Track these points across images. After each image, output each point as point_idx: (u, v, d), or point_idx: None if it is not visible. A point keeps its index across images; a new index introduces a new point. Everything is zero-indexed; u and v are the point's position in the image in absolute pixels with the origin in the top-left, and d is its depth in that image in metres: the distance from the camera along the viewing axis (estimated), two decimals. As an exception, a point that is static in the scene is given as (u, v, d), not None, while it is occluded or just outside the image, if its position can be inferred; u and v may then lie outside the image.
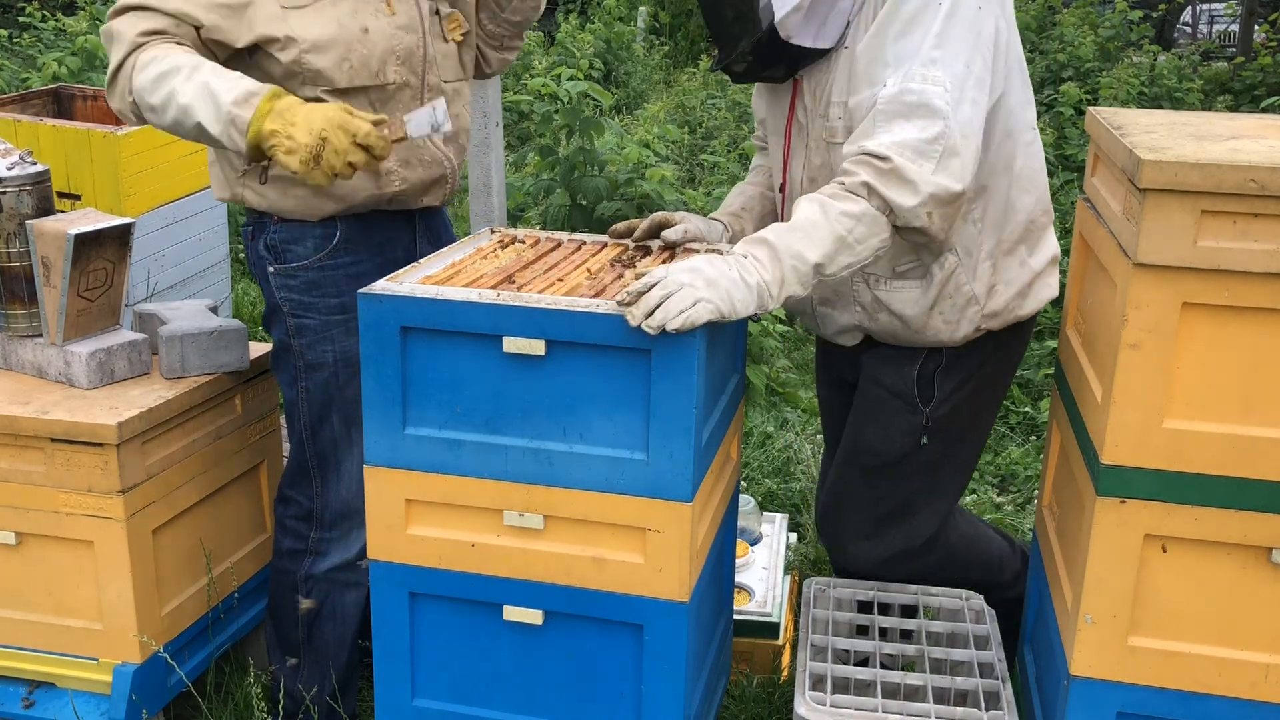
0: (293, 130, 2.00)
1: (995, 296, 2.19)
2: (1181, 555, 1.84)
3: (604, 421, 1.85)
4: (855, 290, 2.23)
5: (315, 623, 2.46)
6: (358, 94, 2.19)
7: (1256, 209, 1.67)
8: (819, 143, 2.17)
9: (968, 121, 1.96)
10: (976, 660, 2.20)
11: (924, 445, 2.28)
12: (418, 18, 2.27)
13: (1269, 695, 1.84)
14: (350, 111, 2.03)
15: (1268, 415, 1.76)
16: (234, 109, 2.02)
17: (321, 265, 2.29)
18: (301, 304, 2.29)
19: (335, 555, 2.42)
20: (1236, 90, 8.33)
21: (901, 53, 1.99)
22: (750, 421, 4.31)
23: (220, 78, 2.05)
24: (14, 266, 2.41)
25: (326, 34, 2.14)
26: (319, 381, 2.32)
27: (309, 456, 2.38)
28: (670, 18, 12.57)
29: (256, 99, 2.02)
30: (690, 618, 1.92)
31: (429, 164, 2.33)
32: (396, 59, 2.22)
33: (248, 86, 2.04)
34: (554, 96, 4.50)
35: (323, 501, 2.40)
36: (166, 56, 2.08)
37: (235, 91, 2.03)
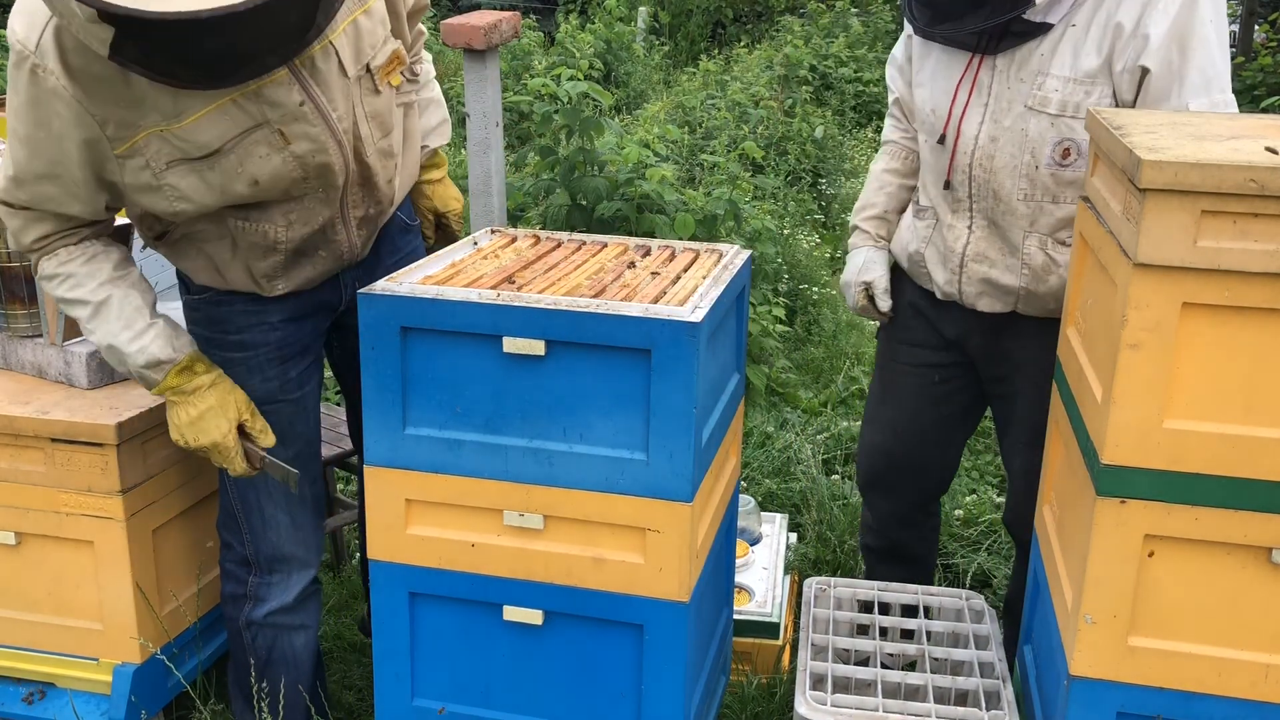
0: (183, 426, 2.06)
1: None
2: (1181, 555, 1.84)
3: (604, 421, 1.85)
4: (1027, 253, 2.31)
5: (268, 667, 2.36)
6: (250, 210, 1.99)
7: (1256, 209, 1.67)
8: (1013, 105, 2.26)
9: None
10: (977, 660, 2.20)
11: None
12: (322, 127, 1.94)
13: (1269, 695, 1.84)
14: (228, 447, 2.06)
15: (1268, 415, 1.76)
16: (142, 370, 2.02)
17: (218, 300, 2.14)
18: (203, 338, 2.15)
19: (274, 600, 2.31)
20: (1236, 90, 8.33)
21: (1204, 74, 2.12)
22: (750, 421, 4.31)
23: (125, 329, 2.00)
24: (14, 266, 2.41)
25: (209, 202, 1.93)
26: None
27: (232, 499, 2.27)
28: (670, 18, 12.57)
29: (164, 370, 2.02)
30: (690, 618, 1.92)
31: (323, 259, 2.13)
32: (302, 183, 1.97)
33: (154, 353, 2.01)
34: (554, 96, 4.49)
35: (254, 548, 2.29)
36: (64, 280, 2.00)
37: (142, 357, 2.01)
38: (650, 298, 1.92)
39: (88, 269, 2.00)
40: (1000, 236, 2.33)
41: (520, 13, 5.89)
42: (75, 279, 2.00)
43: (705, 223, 4.50)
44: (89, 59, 1.76)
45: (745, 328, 2.30)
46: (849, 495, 3.66)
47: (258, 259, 2.06)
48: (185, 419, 2.05)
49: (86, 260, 2.01)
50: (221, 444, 2.06)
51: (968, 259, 2.38)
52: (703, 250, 2.25)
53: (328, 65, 1.92)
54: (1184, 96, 2.13)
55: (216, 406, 2.06)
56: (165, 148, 1.85)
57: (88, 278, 2.00)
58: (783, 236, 5.71)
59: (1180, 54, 2.12)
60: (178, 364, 2.03)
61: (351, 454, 3.12)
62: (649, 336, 1.78)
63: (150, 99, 1.80)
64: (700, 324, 1.78)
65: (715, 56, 10.92)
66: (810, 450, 3.99)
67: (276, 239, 2.03)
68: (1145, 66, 2.14)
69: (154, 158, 1.86)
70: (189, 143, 1.85)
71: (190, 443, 2.06)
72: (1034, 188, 2.26)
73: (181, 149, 1.86)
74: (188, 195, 1.91)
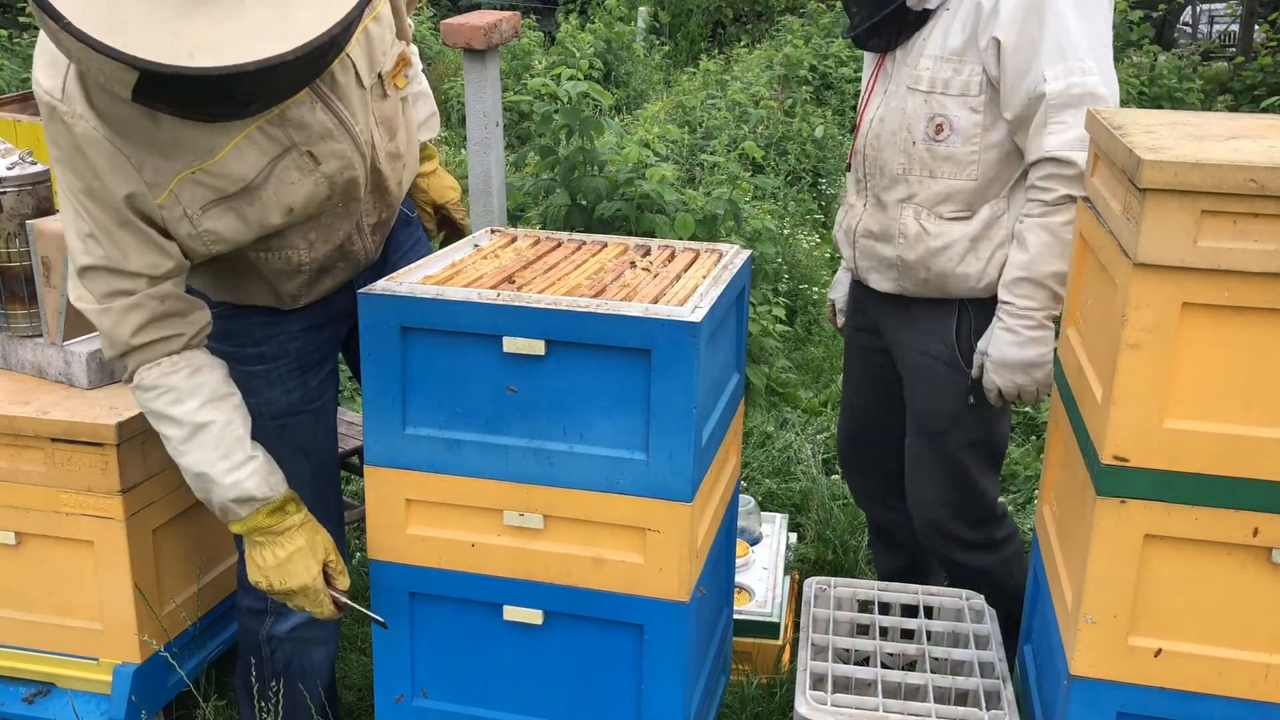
0: (269, 568, 1.95)
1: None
2: (1181, 555, 1.84)
3: (604, 421, 1.85)
4: (902, 222, 2.41)
5: (284, 678, 2.32)
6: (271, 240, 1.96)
7: (1256, 209, 1.67)
8: (899, 88, 2.40)
9: (1115, 93, 2.26)
10: (977, 660, 2.20)
11: (971, 405, 2.45)
12: (348, 143, 1.92)
13: (1269, 695, 1.84)
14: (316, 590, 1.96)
15: (1268, 415, 1.76)
16: (230, 504, 1.91)
17: (234, 313, 2.10)
18: (220, 353, 2.05)
19: (297, 614, 2.23)
20: (1236, 90, 8.33)
21: (1058, 43, 2.19)
22: (750, 421, 4.31)
23: (223, 459, 1.89)
24: (14, 266, 2.41)
25: (246, 238, 1.89)
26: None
27: None
28: (670, 18, 12.56)
29: (254, 506, 1.92)
30: (690, 618, 1.92)
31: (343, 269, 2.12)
32: (330, 201, 1.96)
33: (249, 489, 1.90)
34: (554, 96, 4.49)
35: None
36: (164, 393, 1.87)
37: (235, 490, 1.90)
38: (650, 298, 1.92)
39: (191, 384, 1.89)
40: (884, 210, 2.46)
41: (520, 13, 5.89)
42: (176, 394, 1.88)
43: (705, 223, 4.50)
44: (113, 101, 1.69)
45: (745, 328, 2.30)
46: (849, 495, 3.66)
47: (284, 281, 2.04)
48: (273, 561, 1.94)
49: (190, 374, 1.89)
50: (311, 587, 1.96)
51: (859, 235, 2.52)
52: (703, 250, 2.25)
53: (346, 78, 1.88)
54: (1040, 66, 2.21)
55: (306, 548, 1.96)
56: (200, 191, 1.80)
57: (190, 395, 1.88)
58: (783, 236, 5.71)
59: (1038, 24, 2.21)
60: (271, 503, 1.94)
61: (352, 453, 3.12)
62: (649, 336, 1.78)
63: (180, 139, 1.75)
64: (700, 324, 1.78)
65: (715, 56, 10.92)
66: (810, 450, 3.99)
67: (300, 262, 2.01)
68: (997, 38, 2.25)
69: (189, 204, 1.80)
70: (224, 178, 1.80)
71: (275, 586, 1.95)
72: (911, 162, 2.38)
73: (217, 188, 1.80)
74: (224, 237, 1.86)
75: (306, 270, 2.03)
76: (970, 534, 2.55)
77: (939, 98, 2.34)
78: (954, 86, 2.32)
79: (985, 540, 2.56)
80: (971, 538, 2.55)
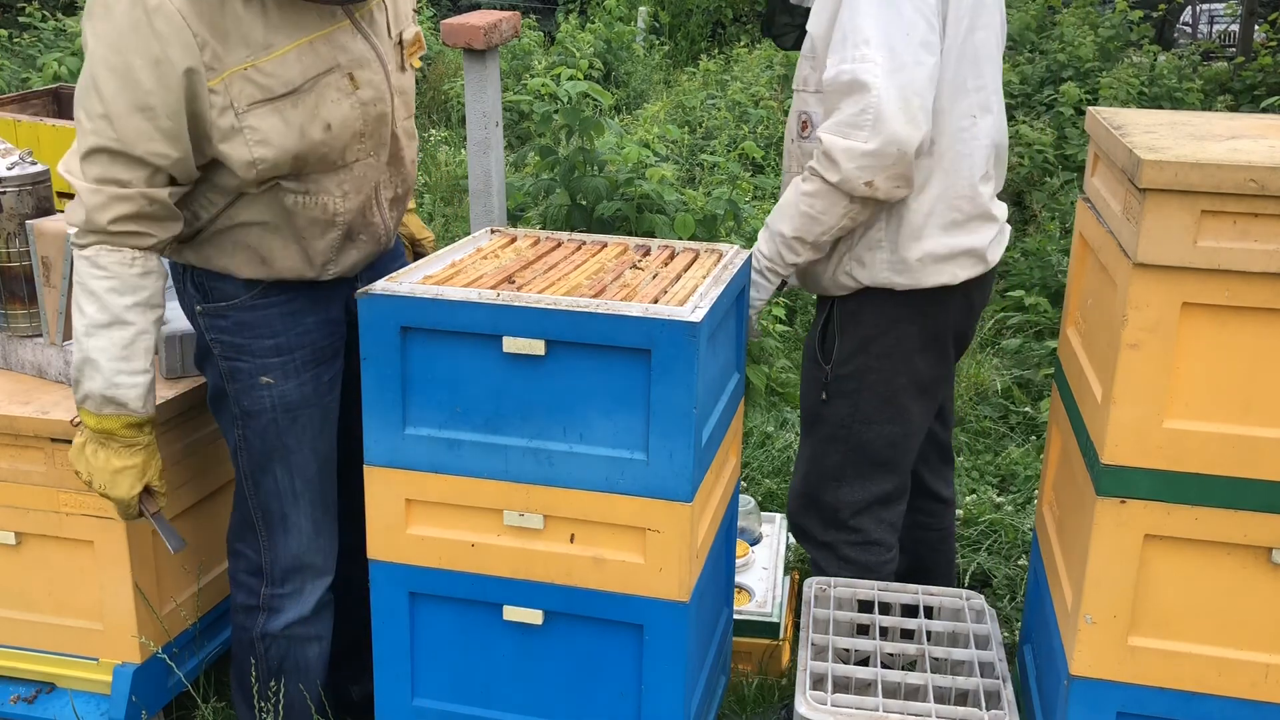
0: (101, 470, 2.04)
1: (877, 255, 2.30)
2: (1181, 555, 1.84)
3: (604, 421, 1.85)
4: None
5: (278, 677, 2.33)
6: (309, 178, 2.03)
7: (1256, 209, 1.67)
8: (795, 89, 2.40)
9: (907, 84, 2.11)
10: (977, 659, 2.20)
11: (825, 401, 2.43)
12: (382, 76, 2.07)
13: (1269, 695, 1.84)
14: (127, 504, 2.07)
15: (1268, 415, 1.76)
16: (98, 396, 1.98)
17: (254, 304, 2.11)
18: (233, 346, 2.12)
19: (290, 611, 2.27)
20: (1236, 90, 8.32)
21: (843, 32, 2.16)
22: (750, 421, 4.31)
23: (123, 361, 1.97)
24: (14, 266, 2.41)
25: (288, 146, 1.95)
26: (257, 430, 2.16)
27: (252, 509, 2.23)
28: (670, 18, 12.56)
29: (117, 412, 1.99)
30: (690, 618, 1.92)
31: (366, 242, 2.17)
32: (360, 138, 2.05)
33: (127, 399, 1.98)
34: (554, 96, 4.49)
35: (271, 557, 2.25)
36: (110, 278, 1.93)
37: (113, 391, 1.97)
38: (650, 298, 1.92)
39: (136, 282, 1.95)
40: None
41: (520, 13, 5.89)
42: (119, 283, 1.94)
43: (705, 223, 4.50)
44: None
45: (745, 327, 2.30)
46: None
47: (316, 237, 2.07)
48: (106, 465, 2.03)
49: (142, 273, 1.96)
50: (125, 501, 2.07)
51: None
52: (703, 250, 2.25)
53: (380, 20, 2.07)
54: (829, 56, 2.19)
55: (139, 467, 2.06)
56: (249, 89, 1.90)
57: (130, 291, 1.95)
58: (783, 236, 5.69)
59: (834, 17, 2.20)
60: (136, 418, 2.02)
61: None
62: (649, 336, 1.78)
63: (240, 31, 1.87)
64: (700, 324, 1.78)
65: (715, 56, 10.91)
66: (810, 450, 3.98)
67: (336, 211, 2.06)
68: (809, 31, 2.26)
69: (237, 98, 1.89)
70: (274, 79, 1.91)
71: (95, 485, 2.06)
72: (791, 160, 2.41)
73: (265, 87, 1.91)
74: (268, 138, 1.93)
75: (340, 224, 2.08)
76: (820, 533, 2.52)
77: (803, 94, 2.34)
78: (811, 83, 2.31)
79: (831, 543, 2.50)
80: (821, 537, 2.52)
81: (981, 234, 2.32)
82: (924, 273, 2.29)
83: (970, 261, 2.32)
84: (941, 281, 2.30)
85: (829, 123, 2.16)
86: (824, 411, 2.45)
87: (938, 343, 2.39)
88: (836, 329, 2.40)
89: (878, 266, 2.30)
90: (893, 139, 2.10)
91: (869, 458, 2.44)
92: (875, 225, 2.28)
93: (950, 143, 2.25)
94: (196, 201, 2.03)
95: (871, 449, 2.43)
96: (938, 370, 2.43)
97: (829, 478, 2.47)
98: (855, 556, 2.48)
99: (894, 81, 2.10)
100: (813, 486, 2.51)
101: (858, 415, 2.41)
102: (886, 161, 2.12)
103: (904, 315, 2.34)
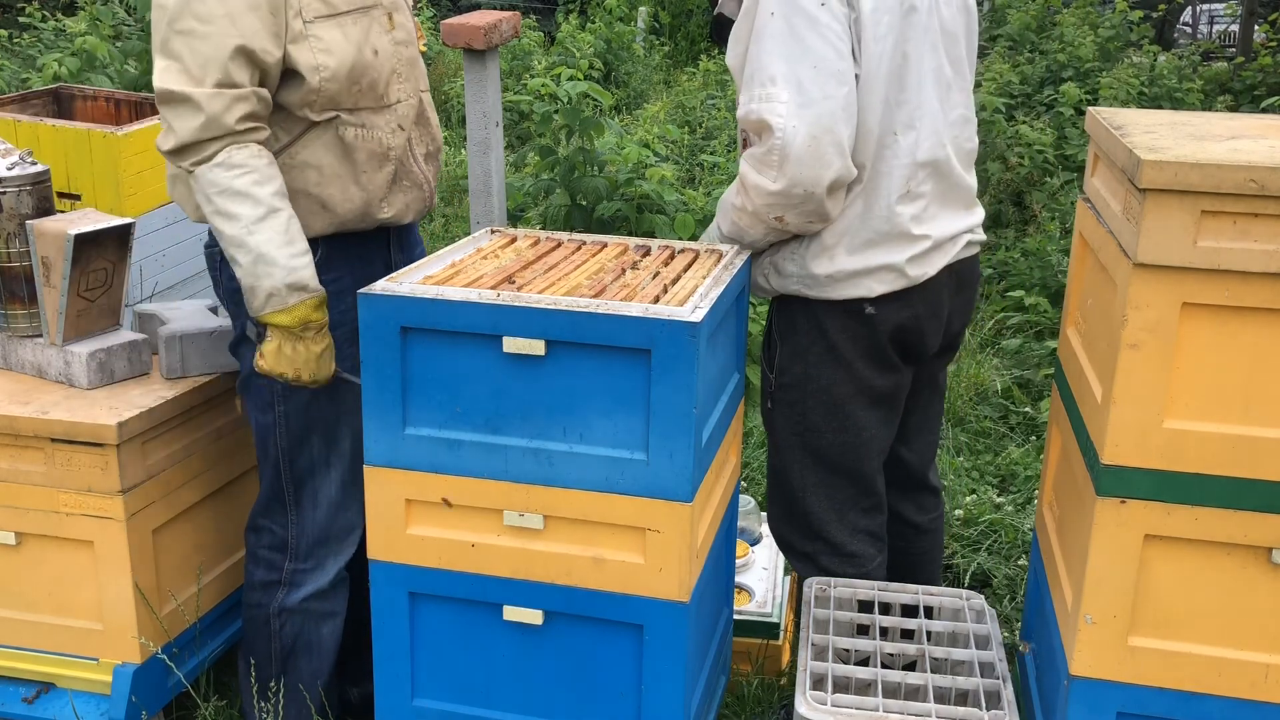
0: (307, 360, 2.11)
1: (789, 265, 2.26)
2: (1181, 555, 1.84)
3: (604, 421, 1.85)
4: None
5: (290, 658, 2.37)
6: (364, 111, 2.17)
7: (1256, 209, 1.67)
8: None
9: (815, 122, 2.05)
10: (977, 660, 2.20)
11: (771, 410, 2.39)
12: (412, 25, 2.28)
13: (1269, 695, 1.84)
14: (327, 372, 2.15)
15: (1268, 415, 1.76)
16: (281, 288, 2.05)
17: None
18: None
19: (309, 585, 2.33)
20: (1236, 90, 8.33)
21: (750, 69, 2.12)
22: (750, 421, 4.31)
23: (288, 245, 2.05)
24: (14, 266, 2.41)
25: (346, 58, 2.11)
26: (299, 404, 2.23)
27: (285, 484, 2.29)
28: (670, 18, 12.56)
29: (302, 297, 2.06)
30: (690, 618, 1.92)
31: (410, 188, 2.30)
32: (399, 77, 2.23)
33: (305, 278, 2.06)
34: (554, 96, 4.49)
35: (298, 529, 2.31)
36: (250, 172, 2.03)
37: (292, 276, 2.05)
38: (650, 298, 1.92)
39: (271, 171, 2.06)
40: None
41: (520, 13, 5.89)
42: (260, 175, 2.04)
43: (705, 223, 4.49)
44: None
45: (745, 328, 2.30)
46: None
47: (375, 171, 2.20)
48: (307, 355, 2.10)
49: (270, 163, 2.07)
50: (326, 379, 2.15)
51: None
52: (703, 250, 2.25)
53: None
54: (740, 92, 2.16)
55: (332, 345, 2.15)
56: (314, 3, 2.07)
57: (270, 180, 2.05)
58: (783, 236, 5.70)
59: (744, 50, 2.15)
60: (319, 297, 2.09)
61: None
62: (649, 336, 1.78)
63: None
64: (700, 324, 1.78)
65: (715, 56, 10.91)
66: (810, 450, 3.98)
67: (389, 145, 2.21)
68: (727, 62, 2.25)
69: (305, 8, 2.06)
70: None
71: (307, 377, 2.11)
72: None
73: (329, 2, 2.09)
74: (331, 48, 2.09)
75: (392, 159, 2.22)
76: (799, 543, 2.46)
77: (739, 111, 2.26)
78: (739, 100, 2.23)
79: (811, 554, 2.44)
80: (801, 547, 2.46)
81: (898, 253, 2.22)
82: (834, 287, 2.23)
83: (889, 276, 2.22)
84: (857, 294, 2.23)
85: (747, 152, 2.14)
86: (774, 420, 2.40)
87: (877, 350, 2.29)
88: (777, 335, 2.35)
89: (789, 278, 2.26)
90: (797, 181, 2.05)
91: (826, 465, 2.37)
92: (789, 239, 2.25)
93: (873, 162, 2.17)
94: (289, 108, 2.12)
95: (826, 457, 2.36)
96: (889, 379, 2.33)
97: (795, 488, 2.41)
98: (835, 568, 2.42)
99: (802, 120, 2.04)
100: (783, 495, 2.45)
101: (806, 425, 2.35)
102: (793, 201, 2.08)
103: (833, 324, 2.26)
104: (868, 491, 2.43)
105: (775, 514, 2.51)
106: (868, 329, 2.27)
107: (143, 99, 3.76)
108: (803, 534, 2.45)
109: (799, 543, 2.47)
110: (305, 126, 2.13)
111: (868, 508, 2.43)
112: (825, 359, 2.30)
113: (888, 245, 2.22)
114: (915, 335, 2.33)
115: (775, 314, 2.36)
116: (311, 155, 2.15)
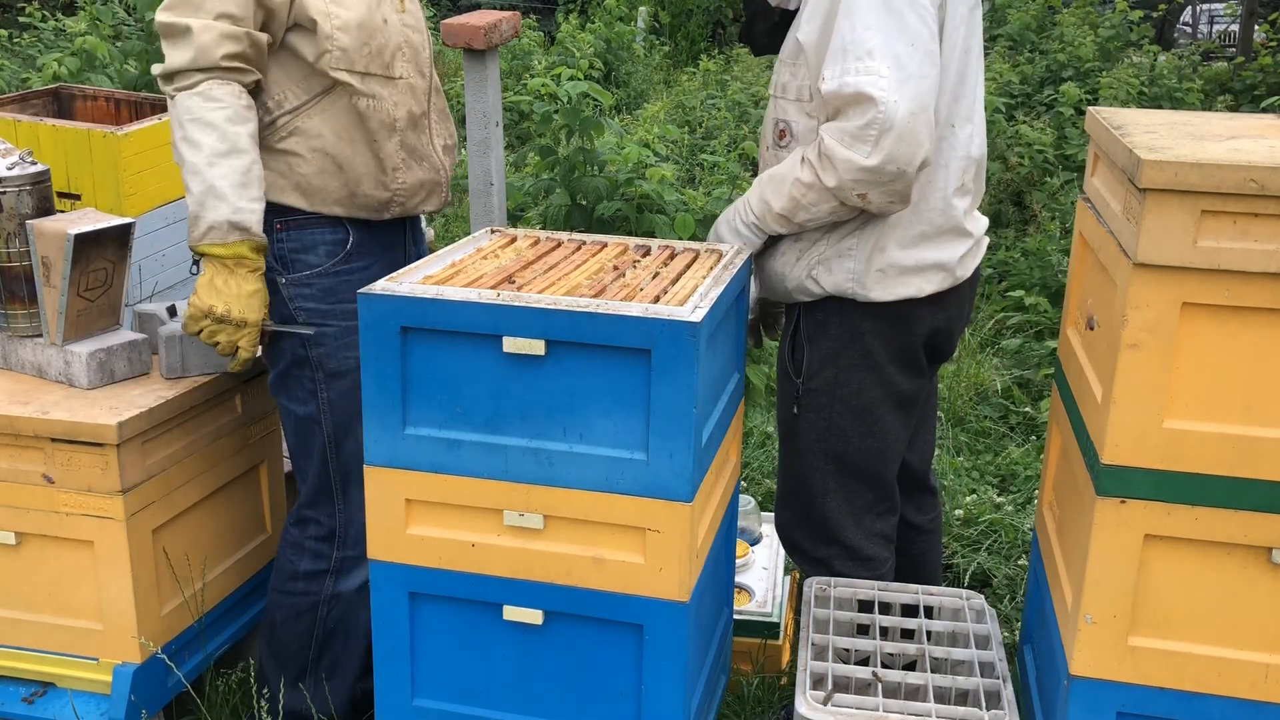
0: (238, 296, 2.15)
1: (845, 263, 2.23)
2: (1181, 555, 1.84)
3: (604, 421, 1.85)
4: None
5: (328, 641, 2.42)
6: (374, 80, 2.25)
7: (1256, 209, 1.67)
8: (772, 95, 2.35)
9: (914, 99, 2.03)
10: (977, 659, 2.20)
11: (796, 415, 2.37)
12: (422, 16, 2.39)
13: (1269, 695, 1.84)
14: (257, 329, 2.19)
15: (1268, 415, 1.76)
16: (224, 223, 2.10)
17: (336, 271, 2.30)
18: (318, 312, 2.29)
19: (360, 574, 2.39)
20: (1236, 90, 8.33)
21: (842, 42, 2.07)
22: (750, 421, 4.31)
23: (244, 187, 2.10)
24: (14, 266, 2.41)
25: (357, 14, 2.19)
26: (343, 390, 2.30)
27: (332, 473, 2.35)
28: (670, 18, 12.56)
29: (241, 238, 2.12)
30: (690, 618, 1.92)
31: (427, 170, 2.38)
32: (403, 55, 2.30)
33: (249, 221, 2.11)
34: (554, 96, 4.49)
35: (346, 517, 2.37)
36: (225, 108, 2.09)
37: (237, 216, 2.10)
38: (650, 298, 1.92)
39: (247, 113, 2.13)
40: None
41: (520, 13, 5.89)
42: (234, 113, 2.10)
43: (705, 223, 4.50)
44: None
45: (745, 328, 2.30)
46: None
47: (386, 139, 2.27)
48: (238, 291, 2.15)
49: (247, 106, 2.13)
50: (258, 323, 2.19)
51: None
52: (703, 250, 2.25)
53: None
54: (823, 67, 2.10)
55: (264, 290, 2.20)
56: None
57: (243, 121, 2.11)
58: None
59: (830, 24, 2.11)
60: (257, 241, 2.14)
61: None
62: (649, 336, 1.78)
63: None
64: (700, 324, 1.78)
65: (715, 56, 10.91)
66: (810, 450, 3.98)
67: (395, 116, 2.28)
68: (799, 39, 2.19)
69: None
70: None
71: (232, 313, 2.15)
72: (766, 168, 2.30)
73: None
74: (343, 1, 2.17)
75: (399, 130, 2.29)
76: (812, 548, 2.45)
77: (781, 102, 2.25)
78: (790, 91, 2.22)
79: (825, 559, 2.44)
80: (814, 553, 2.45)
81: (951, 249, 2.24)
82: (887, 284, 2.22)
83: (939, 276, 2.24)
84: (906, 294, 2.23)
85: (833, 125, 2.07)
86: (798, 425, 2.38)
87: (909, 354, 2.31)
88: (804, 339, 2.33)
89: (842, 275, 2.23)
90: (894, 157, 2.01)
91: (849, 470, 2.37)
92: (849, 232, 2.21)
93: (933, 154, 2.15)
94: (279, 90, 2.20)
95: (851, 462, 2.36)
96: (914, 383, 2.35)
97: (815, 492, 2.40)
98: (849, 573, 2.42)
99: (902, 96, 2.00)
100: (800, 501, 2.43)
101: (832, 430, 2.34)
102: (884, 179, 2.04)
103: (869, 327, 2.26)
104: (886, 495, 2.43)
105: (788, 519, 2.49)
106: (903, 332, 2.28)
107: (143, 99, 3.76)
108: (819, 539, 2.44)
109: (813, 548, 2.45)
110: (322, 89, 2.21)
111: (883, 511, 2.44)
112: (857, 363, 2.29)
113: (941, 240, 2.23)
114: (945, 338, 2.37)
115: (803, 316, 2.33)
116: (327, 118, 2.23)
